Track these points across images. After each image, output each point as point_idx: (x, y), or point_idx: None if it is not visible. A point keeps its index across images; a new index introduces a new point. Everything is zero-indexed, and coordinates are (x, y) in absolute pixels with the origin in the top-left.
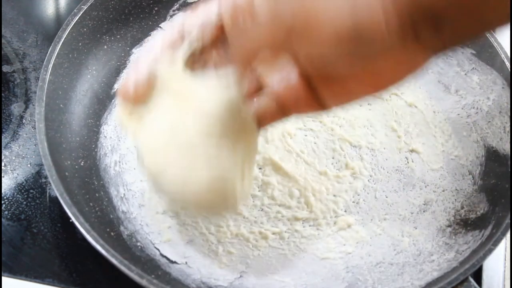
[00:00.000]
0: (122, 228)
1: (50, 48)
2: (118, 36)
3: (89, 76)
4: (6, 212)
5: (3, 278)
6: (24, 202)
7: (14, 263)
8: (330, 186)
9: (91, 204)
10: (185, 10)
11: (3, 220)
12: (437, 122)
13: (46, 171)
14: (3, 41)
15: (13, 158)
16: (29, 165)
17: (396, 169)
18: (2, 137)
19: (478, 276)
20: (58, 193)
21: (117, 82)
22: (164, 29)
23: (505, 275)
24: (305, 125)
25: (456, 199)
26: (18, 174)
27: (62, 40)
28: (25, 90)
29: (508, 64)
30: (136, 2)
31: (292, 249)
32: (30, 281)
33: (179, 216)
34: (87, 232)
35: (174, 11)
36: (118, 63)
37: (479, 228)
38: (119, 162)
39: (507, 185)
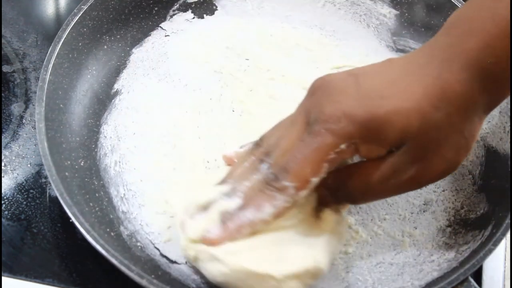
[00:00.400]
0: (122, 228)
1: (50, 48)
2: (118, 36)
3: (89, 76)
4: (6, 212)
5: (3, 278)
6: (24, 202)
7: (14, 263)
8: None
9: (91, 204)
10: (185, 10)
11: (3, 220)
12: None
13: (46, 171)
14: (3, 41)
15: (13, 158)
16: (29, 165)
17: None
18: (2, 137)
19: (478, 276)
20: (58, 193)
21: (117, 82)
22: (164, 29)
23: (505, 275)
24: None
25: (456, 199)
26: (18, 174)
27: (62, 40)
28: (25, 90)
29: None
30: (136, 2)
31: None
32: (30, 281)
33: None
34: (87, 232)
35: (174, 11)
36: (118, 63)
37: (479, 228)
38: (119, 162)
39: (507, 185)
